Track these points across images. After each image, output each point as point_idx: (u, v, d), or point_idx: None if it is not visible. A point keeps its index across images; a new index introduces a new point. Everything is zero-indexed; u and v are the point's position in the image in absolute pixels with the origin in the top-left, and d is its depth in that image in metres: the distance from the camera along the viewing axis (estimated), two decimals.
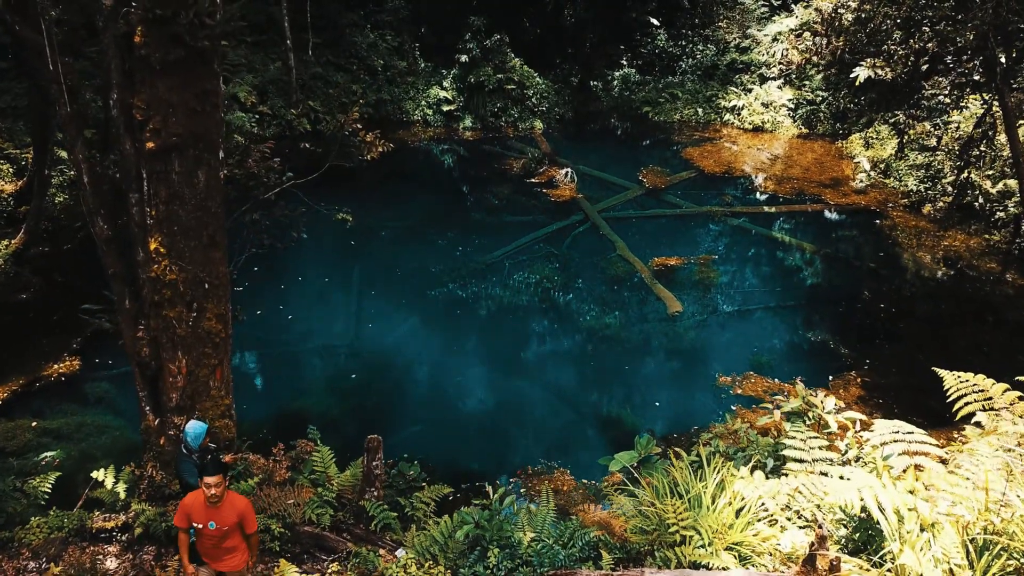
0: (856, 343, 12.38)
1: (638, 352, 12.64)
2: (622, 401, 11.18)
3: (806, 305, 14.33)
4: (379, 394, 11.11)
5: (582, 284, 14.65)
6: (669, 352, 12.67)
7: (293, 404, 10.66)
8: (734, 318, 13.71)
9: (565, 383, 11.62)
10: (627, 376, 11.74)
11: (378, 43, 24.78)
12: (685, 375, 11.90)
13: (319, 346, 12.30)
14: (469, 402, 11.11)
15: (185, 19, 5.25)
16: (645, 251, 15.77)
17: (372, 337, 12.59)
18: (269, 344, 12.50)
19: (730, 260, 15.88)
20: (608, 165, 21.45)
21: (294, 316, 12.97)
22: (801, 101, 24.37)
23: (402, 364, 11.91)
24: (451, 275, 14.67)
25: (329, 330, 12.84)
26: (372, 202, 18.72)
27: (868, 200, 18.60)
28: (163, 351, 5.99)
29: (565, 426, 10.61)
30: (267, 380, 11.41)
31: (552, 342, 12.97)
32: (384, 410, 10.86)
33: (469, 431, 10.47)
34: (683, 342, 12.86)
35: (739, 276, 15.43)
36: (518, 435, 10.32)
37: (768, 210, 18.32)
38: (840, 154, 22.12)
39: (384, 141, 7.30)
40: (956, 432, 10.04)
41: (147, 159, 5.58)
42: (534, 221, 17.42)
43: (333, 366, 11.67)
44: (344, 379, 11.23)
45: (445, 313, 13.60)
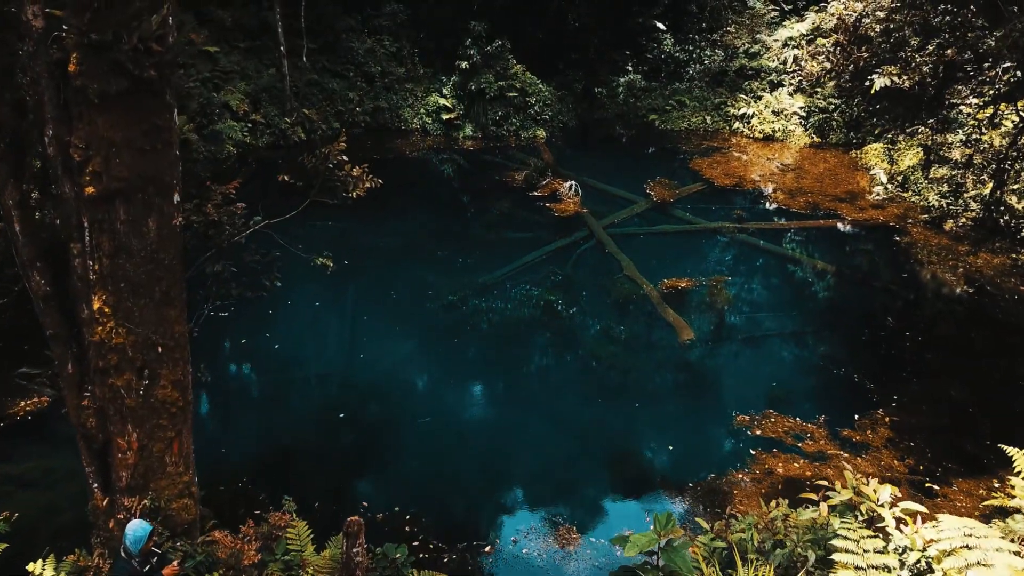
0: (881, 376, 11.55)
1: (648, 384, 11.83)
2: (632, 442, 10.36)
3: (825, 331, 13.51)
4: (368, 434, 10.31)
5: (587, 308, 13.84)
6: (681, 385, 11.85)
7: (274, 447, 9.87)
8: (748, 345, 12.90)
9: (570, 421, 10.80)
10: (637, 413, 10.92)
11: (376, 49, 24.01)
12: (699, 412, 11.08)
13: (306, 378, 11.51)
14: (464, 443, 10.30)
15: (127, 45, 4.45)
16: (653, 271, 14.97)
17: (363, 368, 11.79)
18: (252, 376, 11.72)
19: (742, 281, 15.06)
20: (613, 176, 20.64)
21: (281, 344, 12.18)
22: (813, 109, 23.57)
23: (393, 399, 11.11)
24: (449, 297, 13.88)
25: (317, 360, 12.05)
26: (367, 216, 17.92)
27: (886, 215, 17.78)
28: (111, 424, 5.22)
29: (570, 471, 9.79)
30: (247, 418, 10.61)
31: (556, 373, 12.16)
32: (372, 455, 10.06)
33: (464, 477, 9.67)
34: (695, 373, 12.05)
35: (752, 299, 14.61)
36: (518, 483, 9.51)
37: (781, 225, 17.49)
38: (855, 165, 21.30)
39: (372, 177, 6.48)
40: (996, 481, 9.26)
41: (87, 206, 4.79)
42: (536, 238, 16.61)
43: (320, 401, 10.87)
44: (331, 417, 10.43)
45: (441, 340, 12.81)
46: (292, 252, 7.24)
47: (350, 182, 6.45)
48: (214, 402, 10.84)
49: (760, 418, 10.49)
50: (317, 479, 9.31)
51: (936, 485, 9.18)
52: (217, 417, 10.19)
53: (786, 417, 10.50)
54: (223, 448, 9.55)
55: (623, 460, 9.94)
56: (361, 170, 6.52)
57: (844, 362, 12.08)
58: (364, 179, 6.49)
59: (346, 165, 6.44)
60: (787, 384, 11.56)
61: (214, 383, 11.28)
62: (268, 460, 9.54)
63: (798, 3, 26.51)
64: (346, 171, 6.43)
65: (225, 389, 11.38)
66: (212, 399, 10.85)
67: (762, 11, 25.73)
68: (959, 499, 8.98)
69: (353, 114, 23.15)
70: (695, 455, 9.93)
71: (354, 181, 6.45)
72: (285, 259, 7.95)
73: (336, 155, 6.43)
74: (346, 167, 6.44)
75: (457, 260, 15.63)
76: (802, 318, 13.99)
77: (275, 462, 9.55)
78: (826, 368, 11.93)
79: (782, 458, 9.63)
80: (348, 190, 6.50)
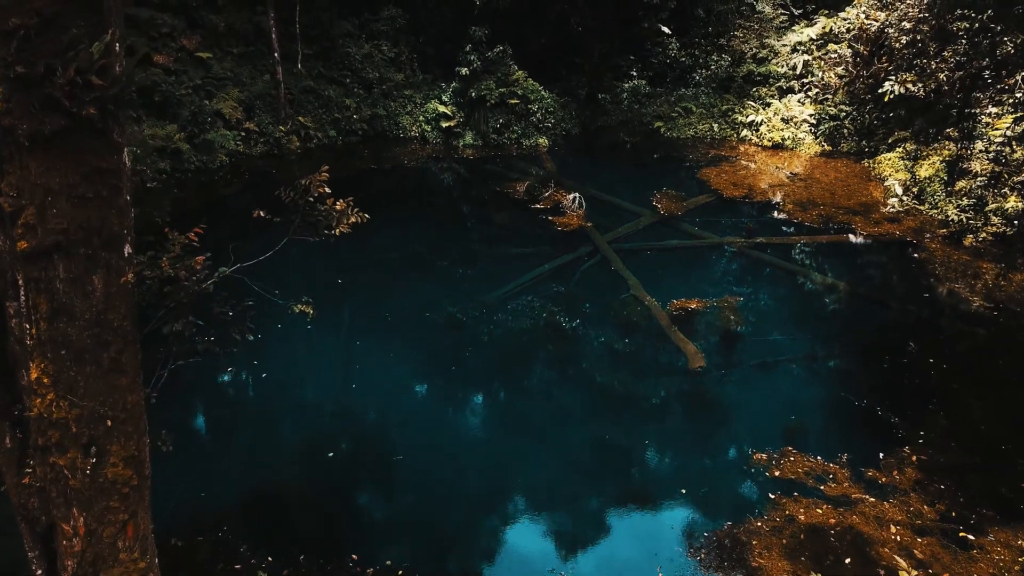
0: (905, 407, 10.88)
1: (658, 417, 11.17)
2: (642, 484, 9.70)
3: (842, 355, 12.84)
4: (359, 475, 9.66)
5: (592, 330, 13.18)
6: (692, 417, 11.18)
7: (256, 492, 9.22)
8: (762, 372, 12.23)
9: (575, 459, 10.14)
10: (647, 450, 10.26)
11: (373, 54, 23.36)
12: (712, 448, 10.41)
13: (293, 413, 10.84)
14: (461, 484, 9.64)
15: (63, 79, 3.79)
16: (661, 290, 14.31)
17: (354, 399, 11.13)
18: (235, 408, 11.06)
19: (754, 301, 14.38)
20: (618, 187, 19.99)
21: (269, 372, 11.52)
22: (823, 116, 22.88)
23: (387, 434, 10.45)
24: (447, 319, 13.24)
25: (306, 391, 11.40)
26: (362, 230, 17.25)
27: (902, 229, 17.09)
28: (54, 507, 4.57)
29: (575, 518, 9.13)
30: (228, 461, 9.94)
31: (559, 405, 11.48)
32: (363, 498, 9.41)
33: (461, 522, 9.01)
34: (708, 404, 11.38)
35: (765, 319, 13.94)
36: (519, 531, 8.84)
37: (793, 240, 16.81)
38: (867, 175, 20.62)
39: (359, 211, 5.82)
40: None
41: (21, 262, 4.13)
42: (539, 253, 15.96)
43: (309, 438, 10.20)
44: (319, 456, 9.77)
45: (438, 368, 12.16)
46: (271, 293, 6.57)
47: (333, 217, 5.78)
48: (191, 446, 10.19)
49: (778, 456, 9.82)
50: (303, 528, 8.66)
51: (971, 535, 8.51)
52: (195, 463, 9.53)
53: (806, 455, 9.83)
54: (202, 493, 8.90)
55: (632, 505, 9.27)
56: (345, 204, 5.86)
57: (864, 391, 11.40)
58: (349, 214, 5.82)
59: (328, 199, 5.77)
60: (805, 416, 10.89)
61: (190, 425, 10.66)
62: (250, 507, 8.88)
63: (807, 7, 25.84)
64: (328, 205, 5.76)
65: (204, 430, 10.74)
66: (188, 443, 10.20)
67: (771, 15, 25.05)
68: (996, 551, 8.31)
69: (350, 122, 22.51)
70: (710, 499, 9.25)
71: (337, 216, 5.78)
72: (270, 282, 7.30)
73: (317, 186, 5.77)
74: (328, 201, 5.77)
75: (456, 278, 14.98)
76: (817, 341, 13.32)
77: (258, 509, 8.90)
78: (845, 398, 11.25)
79: (803, 503, 8.96)
80: (331, 226, 5.83)
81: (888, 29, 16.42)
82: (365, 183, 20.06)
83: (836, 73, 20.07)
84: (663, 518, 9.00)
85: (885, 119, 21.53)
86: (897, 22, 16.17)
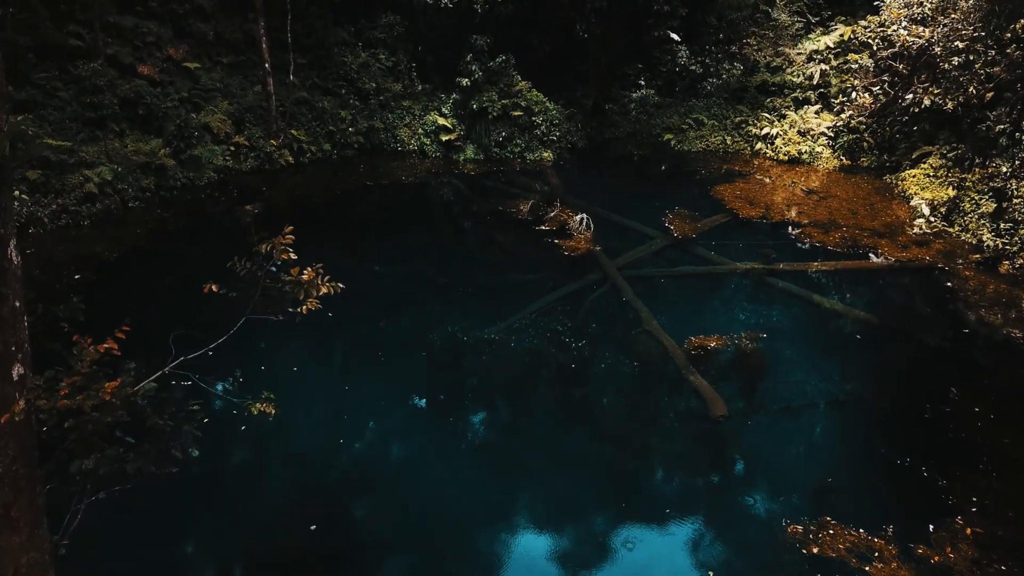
0: (952, 467, 9.81)
1: (675, 475, 10.12)
2: (660, 562, 8.63)
3: (877, 401, 11.75)
4: (345, 552, 8.61)
5: (601, 370, 12.12)
6: (715, 476, 10.12)
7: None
8: (790, 420, 11.18)
9: (583, 527, 9.08)
10: (665, 520, 9.19)
11: (370, 63, 22.33)
12: (740, 517, 9.34)
13: (273, 471, 9.79)
14: (458, 554, 8.59)
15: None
16: (677, 323, 13.25)
17: (341, 455, 10.08)
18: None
19: (777, 336, 13.29)
20: (627, 205, 18.95)
21: (248, 425, 10.47)
22: (841, 128, 21.81)
23: (377, 496, 9.40)
24: (445, 356, 12.21)
25: (288, 445, 10.32)
26: (355, 254, 16.27)
27: (931, 254, 16.02)
28: None
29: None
30: (198, 529, 8.89)
31: (565, 458, 10.41)
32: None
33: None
34: (731, 460, 10.33)
35: (788, 358, 12.88)
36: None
37: (816, 267, 15.73)
38: (890, 192, 19.54)
39: (334, 282, 4.77)
40: None
41: None
42: (544, 280, 14.91)
43: (289, 508, 9.14)
44: (300, 531, 8.72)
45: (434, 415, 11.12)
46: (223, 388, 5.53)
47: (300, 290, 4.75)
48: (160, 522, 9.10)
49: (816, 528, 8.75)
50: None
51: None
52: (163, 543, 8.48)
53: (847, 528, 8.76)
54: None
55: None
56: (315, 272, 4.83)
57: (906, 446, 10.33)
58: (319, 284, 4.79)
59: (293, 269, 4.73)
60: (842, 476, 9.82)
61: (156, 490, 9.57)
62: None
63: (823, 14, 24.77)
64: (294, 276, 4.73)
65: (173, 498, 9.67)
66: (157, 516, 9.13)
67: (787, 23, 23.96)
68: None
69: (345, 135, 21.48)
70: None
71: (305, 288, 4.75)
72: (227, 366, 6.24)
73: (281, 252, 4.74)
74: (293, 271, 4.73)
75: (455, 308, 13.91)
76: (846, 382, 12.25)
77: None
78: (887, 455, 10.18)
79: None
80: (299, 299, 4.80)
81: (935, 47, 15.14)
82: (358, 201, 19.04)
83: (872, 92, 18.69)
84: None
85: (907, 132, 20.45)
86: (944, 39, 14.93)
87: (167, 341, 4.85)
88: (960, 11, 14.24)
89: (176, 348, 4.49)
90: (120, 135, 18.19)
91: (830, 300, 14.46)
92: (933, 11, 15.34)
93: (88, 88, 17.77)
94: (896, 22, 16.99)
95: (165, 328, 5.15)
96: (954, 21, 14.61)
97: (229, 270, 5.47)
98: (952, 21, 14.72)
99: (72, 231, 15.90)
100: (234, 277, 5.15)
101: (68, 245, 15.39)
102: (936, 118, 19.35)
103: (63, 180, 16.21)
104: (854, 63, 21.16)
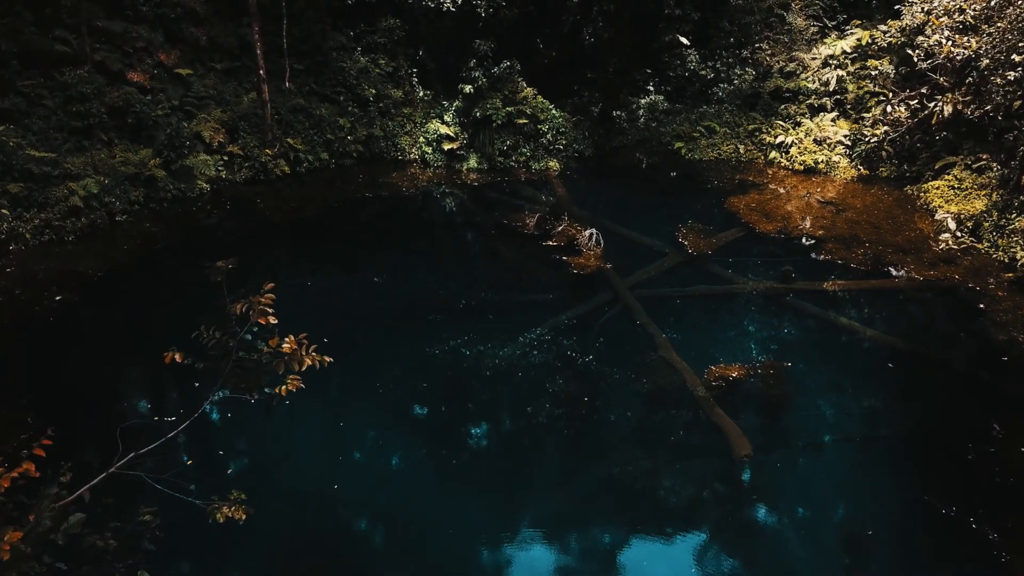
0: (1004, 519, 8.98)
1: (695, 524, 9.30)
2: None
3: (913, 439, 10.92)
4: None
5: (614, 403, 11.33)
6: (740, 528, 9.30)
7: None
8: (815, 458, 10.40)
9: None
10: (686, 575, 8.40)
11: (370, 69, 21.53)
12: (769, 574, 8.53)
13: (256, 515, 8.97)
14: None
15: None
16: (694, 349, 12.46)
17: (330, 502, 9.29)
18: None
19: (801, 364, 12.47)
20: (636, 217, 18.15)
21: (236, 468, 9.68)
22: (859, 137, 20.96)
23: (368, 549, 8.62)
24: (446, 388, 11.43)
25: (276, 486, 9.53)
26: (352, 270, 15.48)
27: (960, 272, 15.19)
28: None
29: None
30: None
31: (576, 502, 9.62)
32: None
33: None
34: (758, 507, 9.52)
35: (813, 388, 12.07)
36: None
37: (839, 286, 14.90)
38: (912, 204, 18.70)
39: (319, 355, 3.95)
40: None
41: None
42: (552, 301, 14.13)
43: (270, 562, 8.34)
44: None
45: (433, 450, 10.33)
46: (184, 487, 4.67)
47: (281, 364, 3.95)
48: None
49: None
50: None
51: None
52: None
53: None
54: None
55: None
56: (296, 343, 4.02)
57: (949, 491, 9.50)
58: (303, 357, 3.99)
59: (272, 339, 3.93)
60: (880, 526, 9.02)
61: None
62: None
63: (838, 17, 23.92)
64: (272, 347, 3.93)
65: None
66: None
67: (802, 26, 23.11)
68: None
69: (343, 143, 20.67)
70: None
71: (286, 361, 3.95)
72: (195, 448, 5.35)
73: (259, 314, 3.94)
74: (272, 341, 3.94)
75: (458, 333, 13.08)
76: (880, 416, 11.45)
77: None
78: (928, 502, 9.35)
79: None
80: (279, 374, 4.00)
81: (983, 59, 14.14)
82: (357, 213, 18.25)
83: (906, 105, 17.52)
84: None
85: (928, 142, 19.59)
86: (991, 49, 13.90)
87: (119, 419, 4.06)
88: (1007, 19, 13.34)
89: (130, 435, 3.70)
90: (108, 145, 17.42)
91: (856, 323, 13.64)
92: (976, 19, 14.44)
93: (75, 96, 16.99)
94: (937, 31, 15.96)
95: (119, 403, 4.37)
96: (1001, 31, 13.70)
97: (208, 318, 4.69)
98: (999, 31, 13.81)
99: (56, 247, 15.12)
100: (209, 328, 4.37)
101: (51, 262, 14.61)
102: (959, 127, 18.51)
103: (47, 193, 15.42)
104: (874, 69, 20.31)
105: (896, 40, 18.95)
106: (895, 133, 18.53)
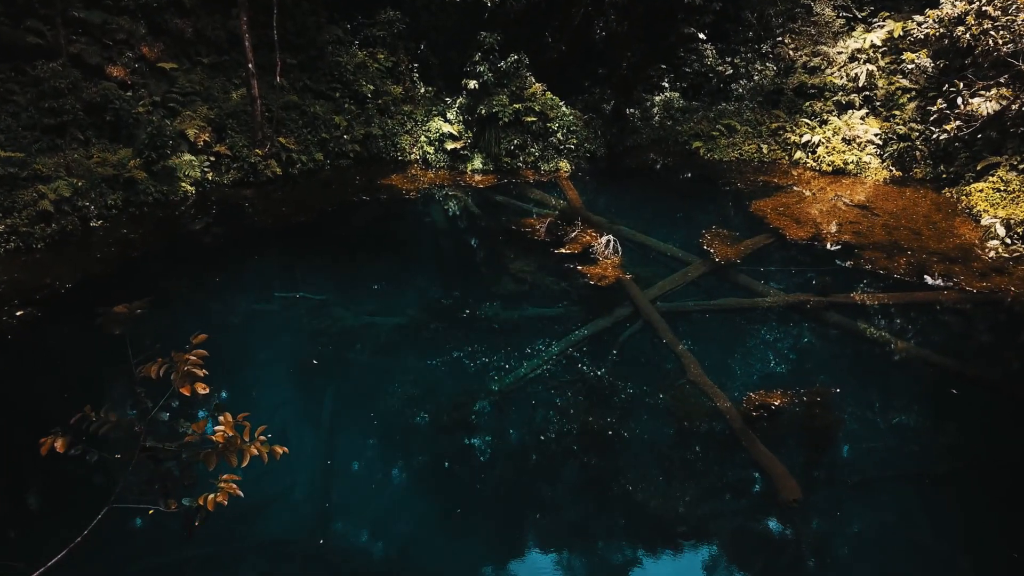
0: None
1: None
2: None
3: (979, 476, 9.54)
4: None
5: (640, 435, 9.96)
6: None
7: None
8: (867, 498, 9.03)
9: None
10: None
11: (368, 64, 20.22)
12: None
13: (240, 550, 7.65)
14: None
15: None
16: (727, 372, 11.12)
17: (323, 535, 7.95)
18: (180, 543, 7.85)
19: (849, 389, 11.08)
20: (654, 222, 16.82)
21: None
22: (891, 136, 19.60)
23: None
24: (449, 415, 10.08)
25: (269, 515, 8.21)
26: (345, 282, 14.13)
27: (1015, 283, 13.81)
28: None
29: None
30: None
31: (598, 559, 8.27)
32: None
33: None
34: (809, 563, 8.15)
35: (868, 418, 10.68)
36: None
37: (882, 299, 13.52)
38: (952, 208, 17.34)
39: (265, 442, 2.58)
40: None
41: None
42: (565, 316, 12.79)
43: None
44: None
45: (434, 483, 8.99)
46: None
47: (212, 458, 2.62)
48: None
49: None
50: None
51: None
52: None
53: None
54: None
55: None
56: (233, 426, 2.68)
57: (1020, 534, 8.14)
58: (245, 448, 2.66)
59: (195, 425, 2.59)
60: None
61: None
62: None
63: (866, 9, 22.53)
64: (197, 431, 2.59)
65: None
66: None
67: (830, 18, 21.72)
68: None
69: (339, 142, 19.37)
70: None
71: (218, 452, 2.61)
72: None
73: (184, 381, 2.62)
74: (195, 426, 2.59)
75: (463, 352, 11.75)
76: (932, 449, 10.07)
77: None
78: (1007, 552, 7.98)
79: None
80: (211, 471, 2.66)
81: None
82: (353, 217, 16.91)
83: (992, 100, 15.69)
84: None
85: (968, 140, 18.20)
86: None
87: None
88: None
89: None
90: (84, 144, 16.12)
91: (906, 341, 12.26)
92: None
93: (48, 91, 15.70)
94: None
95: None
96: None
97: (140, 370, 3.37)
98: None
99: (23, 256, 13.83)
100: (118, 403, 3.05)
101: (17, 272, 13.31)
102: (1003, 124, 17.13)
103: (13, 197, 14.13)
104: (910, 63, 18.93)
105: (934, 31, 17.57)
106: (968, 129, 17.08)
